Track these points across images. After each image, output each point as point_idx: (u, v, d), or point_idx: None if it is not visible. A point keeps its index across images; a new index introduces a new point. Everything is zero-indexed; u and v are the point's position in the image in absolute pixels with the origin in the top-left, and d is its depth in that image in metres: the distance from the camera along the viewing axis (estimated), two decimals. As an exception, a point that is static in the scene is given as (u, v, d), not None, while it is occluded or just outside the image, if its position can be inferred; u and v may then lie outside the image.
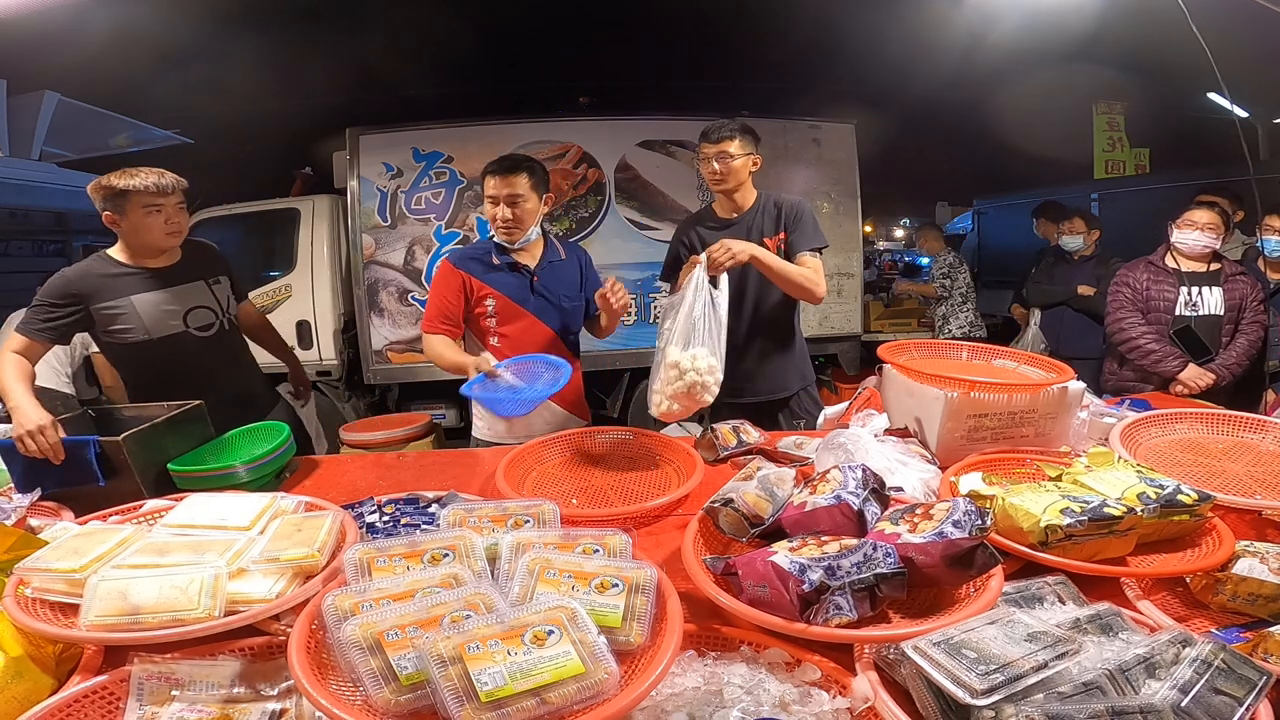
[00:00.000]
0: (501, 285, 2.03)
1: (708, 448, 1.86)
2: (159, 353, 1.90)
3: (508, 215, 1.96)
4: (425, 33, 4.58)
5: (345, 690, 0.82)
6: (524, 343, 2.05)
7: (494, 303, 2.03)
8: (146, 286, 1.90)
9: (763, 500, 1.21)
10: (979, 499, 1.23)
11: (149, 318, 1.88)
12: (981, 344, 1.99)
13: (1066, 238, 3.78)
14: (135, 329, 1.88)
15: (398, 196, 4.43)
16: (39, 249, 6.07)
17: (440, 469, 1.85)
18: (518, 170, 1.95)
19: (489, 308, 2.03)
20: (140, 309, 1.88)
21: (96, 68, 4.35)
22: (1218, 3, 2.16)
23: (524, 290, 2.05)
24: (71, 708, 0.87)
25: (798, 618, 0.91)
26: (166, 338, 1.90)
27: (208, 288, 2.02)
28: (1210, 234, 2.62)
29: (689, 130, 4.59)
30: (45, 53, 4.13)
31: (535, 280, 2.05)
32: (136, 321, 1.87)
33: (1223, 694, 0.75)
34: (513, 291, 2.04)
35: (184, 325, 1.94)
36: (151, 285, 1.90)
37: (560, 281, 2.10)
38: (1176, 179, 5.21)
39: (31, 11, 2.77)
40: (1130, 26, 3.97)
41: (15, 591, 1.01)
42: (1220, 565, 1.08)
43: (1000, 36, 4.22)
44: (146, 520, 1.29)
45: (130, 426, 1.56)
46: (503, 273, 2.04)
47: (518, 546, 1.02)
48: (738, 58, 5.64)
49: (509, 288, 2.04)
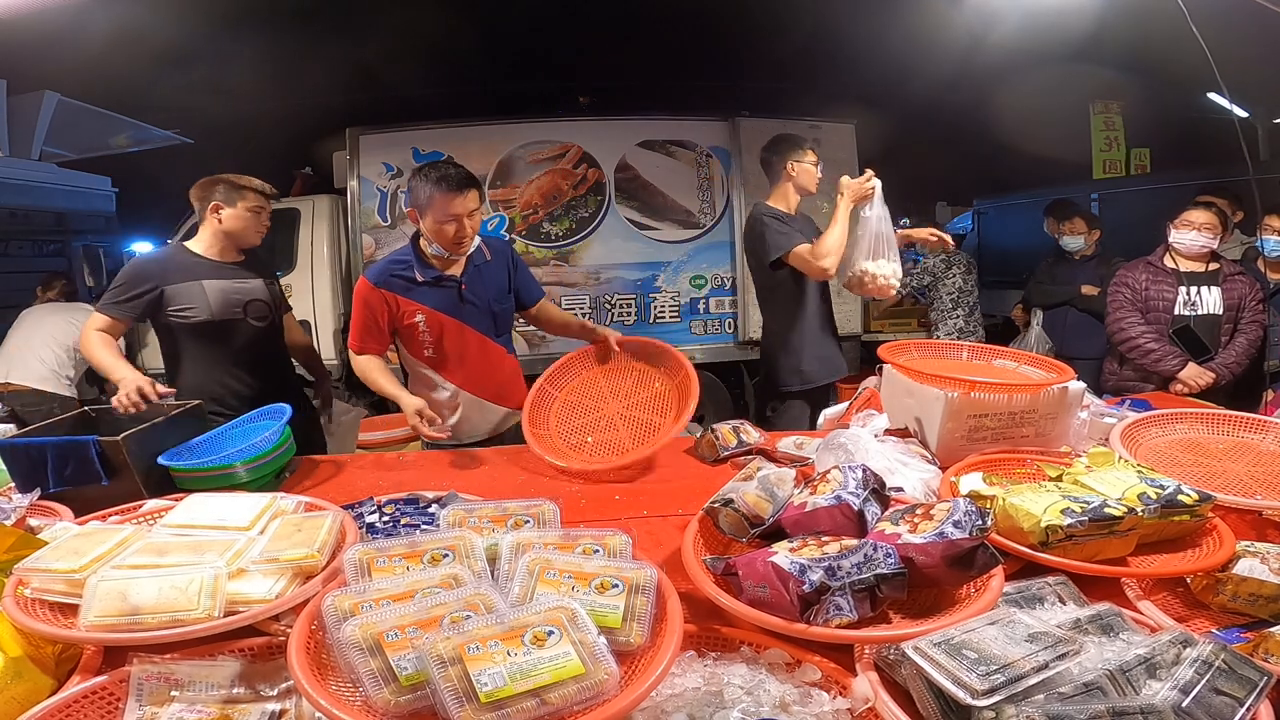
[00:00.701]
0: (429, 299, 1.97)
1: (708, 448, 1.85)
2: (217, 334, 2.11)
3: (466, 232, 1.90)
4: (425, 33, 4.58)
5: (345, 691, 0.82)
6: (459, 352, 2.03)
7: (423, 318, 1.97)
8: (218, 275, 2.13)
9: (763, 500, 1.21)
10: (979, 499, 1.23)
11: (215, 301, 2.09)
12: (981, 344, 1.99)
13: (1067, 238, 3.77)
14: (200, 309, 2.08)
15: (398, 196, 4.43)
16: (39, 249, 6.05)
17: (440, 469, 1.85)
18: (472, 185, 1.89)
19: (419, 323, 1.98)
20: (209, 292, 2.09)
21: (96, 68, 4.35)
22: (1218, 3, 2.16)
23: (453, 301, 1.99)
24: (71, 708, 0.87)
25: (798, 618, 0.91)
26: (226, 321, 2.12)
27: (266, 286, 2.25)
28: (1208, 234, 2.62)
29: (689, 130, 4.60)
30: (45, 53, 4.13)
31: (464, 289, 2.00)
32: (203, 303, 2.08)
33: (1223, 694, 0.75)
34: (441, 304, 1.98)
35: (244, 314, 2.16)
36: (223, 275, 2.14)
37: (488, 285, 2.05)
38: (1176, 179, 5.20)
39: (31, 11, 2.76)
40: (1130, 26, 3.97)
41: (15, 592, 1.01)
42: (1221, 565, 1.08)
43: (1000, 37, 4.22)
44: (146, 520, 1.29)
45: (130, 426, 1.56)
46: (429, 287, 1.97)
47: (518, 547, 1.02)
48: (738, 58, 5.64)
49: (437, 301, 1.98)
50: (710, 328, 4.73)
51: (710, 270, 4.67)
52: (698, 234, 4.63)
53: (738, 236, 4.61)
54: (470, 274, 2.02)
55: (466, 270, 2.01)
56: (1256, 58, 3.04)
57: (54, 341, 3.63)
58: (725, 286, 4.69)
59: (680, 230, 4.62)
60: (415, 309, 1.97)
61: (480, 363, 2.07)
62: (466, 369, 2.06)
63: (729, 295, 4.69)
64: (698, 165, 4.59)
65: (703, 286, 4.68)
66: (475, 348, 2.05)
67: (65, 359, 3.64)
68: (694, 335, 4.71)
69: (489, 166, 4.46)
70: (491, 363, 2.10)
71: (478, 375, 2.08)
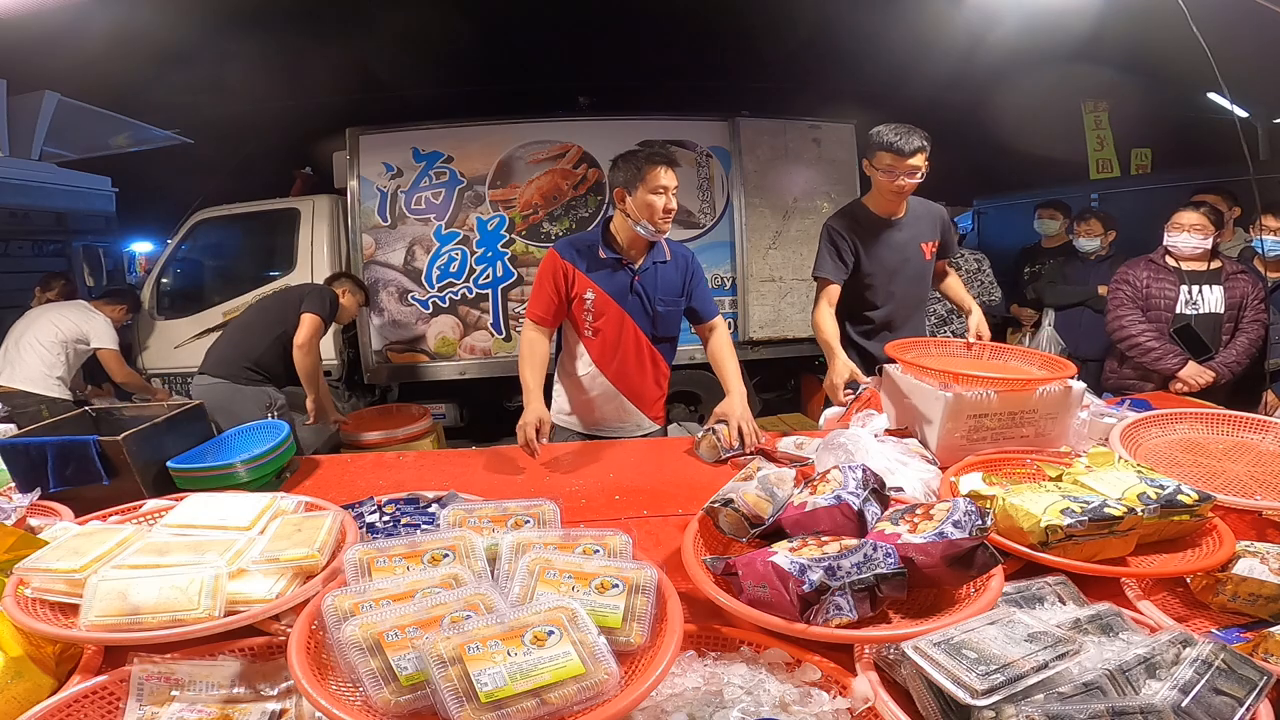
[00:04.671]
0: (602, 280, 2.04)
1: (709, 449, 1.85)
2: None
3: (673, 206, 1.96)
4: (425, 33, 4.58)
5: (345, 691, 0.82)
6: (616, 339, 2.07)
7: (593, 296, 2.04)
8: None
9: (763, 500, 1.21)
10: (979, 499, 1.23)
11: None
12: (983, 343, 1.99)
13: (1083, 239, 3.75)
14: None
15: (398, 196, 4.43)
16: (39, 249, 6.05)
17: (440, 469, 1.85)
18: (676, 164, 1.98)
19: (587, 301, 2.04)
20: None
21: (96, 68, 4.35)
22: (1218, 3, 2.16)
23: (623, 288, 2.05)
24: (71, 708, 0.87)
25: (798, 618, 0.91)
26: None
27: None
28: (1199, 234, 2.63)
29: (689, 130, 4.60)
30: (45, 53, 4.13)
31: (636, 280, 2.05)
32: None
33: (1223, 694, 0.75)
34: (612, 288, 2.04)
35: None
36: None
37: (661, 284, 2.09)
38: (1176, 179, 5.20)
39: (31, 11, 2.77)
40: (1130, 26, 3.96)
41: (15, 591, 1.01)
42: (1221, 565, 1.08)
43: (1000, 36, 4.22)
44: (146, 520, 1.29)
45: (130, 426, 1.56)
46: (607, 268, 2.04)
47: (518, 547, 1.02)
48: (738, 58, 5.64)
49: (609, 283, 2.04)
50: (710, 327, 4.72)
51: (710, 270, 4.67)
52: (698, 234, 4.63)
53: (738, 236, 4.62)
54: (647, 268, 2.07)
55: (645, 264, 2.06)
56: (1256, 58, 3.04)
57: (39, 343, 3.59)
58: (725, 286, 4.69)
59: (680, 230, 4.61)
60: (588, 285, 2.04)
61: (631, 357, 2.11)
62: (617, 359, 2.10)
63: (729, 295, 4.69)
64: (698, 165, 4.59)
65: (703, 286, 4.68)
66: (630, 340, 2.09)
67: (54, 359, 3.60)
68: (695, 335, 4.71)
69: (489, 166, 4.46)
70: (642, 361, 2.13)
71: (624, 368, 2.11)
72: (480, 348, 4.57)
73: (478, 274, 4.51)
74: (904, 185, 2.16)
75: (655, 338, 2.13)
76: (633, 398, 2.16)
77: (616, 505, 1.57)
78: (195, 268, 5.03)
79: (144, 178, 6.42)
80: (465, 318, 4.55)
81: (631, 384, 2.14)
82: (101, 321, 3.78)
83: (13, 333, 3.69)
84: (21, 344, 3.61)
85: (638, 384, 2.15)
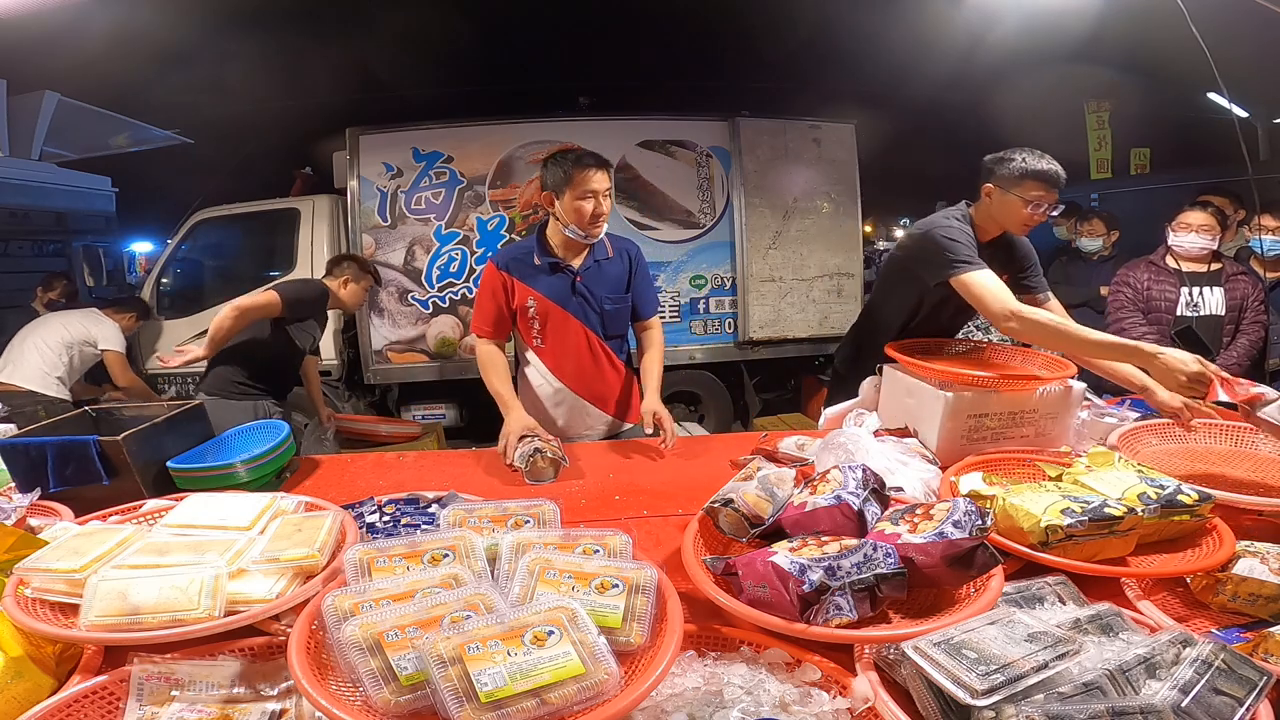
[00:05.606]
0: (543, 286, 2.00)
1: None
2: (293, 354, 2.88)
3: (604, 210, 1.92)
4: (425, 33, 4.59)
5: (345, 690, 0.82)
6: (564, 344, 2.04)
7: (535, 304, 2.00)
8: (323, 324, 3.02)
9: (763, 500, 1.21)
10: (979, 499, 1.23)
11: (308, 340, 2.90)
12: (984, 343, 1.98)
13: (1086, 239, 3.75)
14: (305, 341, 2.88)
15: (398, 196, 4.43)
16: (39, 249, 6.06)
17: (440, 469, 1.85)
18: (606, 166, 1.93)
19: (530, 310, 2.01)
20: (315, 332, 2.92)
21: (96, 68, 4.35)
22: (1218, 3, 2.16)
23: (565, 291, 2.01)
24: (71, 708, 0.87)
25: (798, 618, 0.91)
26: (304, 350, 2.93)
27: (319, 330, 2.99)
28: (1206, 235, 2.62)
29: (689, 130, 4.60)
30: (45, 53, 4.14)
31: (578, 280, 2.01)
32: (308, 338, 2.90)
33: (1223, 694, 0.75)
34: (554, 293, 2.00)
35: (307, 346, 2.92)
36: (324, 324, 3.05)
37: (604, 282, 2.05)
38: (1176, 179, 5.21)
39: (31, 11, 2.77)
40: (1130, 26, 3.97)
41: (15, 591, 1.00)
42: (1221, 565, 1.08)
43: (1000, 37, 4.23)
44: (146, 520, 1.28)
45: (130, 426, 1.56)
46: (545, 273, 2.00)
47: (518, 547, 1.02)
48: (738, 58, 5.65)
49: (550, 289, 2.00)
50: (710, 328, 4.73)
51: (710, 270, 4.67)
52: (698, 234, 4.63)
53: (738, 236, 4.62)
54: (588, 268, 2.03)
55: (585, 264, 2.02)
56: (1256, 58, 3.04)
57: (44, 343, 3.64)
58: (725, 286, 4.69)
59: (680, 230, 4.62)
60: (529, 293, 2.00)
61: (586, 360, 2.07)
62: (571, 365, 2.06)
63: (729, 295, 4.70)
64: (698, 165, 4.59)
65: (703, 286, 4.68)
66: (580, 343, 2.05)
67: (56, 359, 3.64)
68: (694, 335, 4.72)
69: (489, 166, 4.46)
70: (598, 362, 2.08)
71: (580, 373, 2.07)
72: (480, 348, 4.57)
73: (478, 274, 4.51)
74: (1039, 220, 1.89)
75: (607, 336, 2.09)
76: (594, 400, 2.11)
77: (616, 505, 1.57)
78: (195, 268, 5.03)
79: (144, 178, 6.43)
80: (465, 318, 4.55)
81: (590, 387, 2.09)
82: (111, 326, 3.87)
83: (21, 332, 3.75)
84: (27, 343, 3.66)
85: (596, 386, 2.10)
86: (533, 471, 1.69)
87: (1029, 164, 1.85)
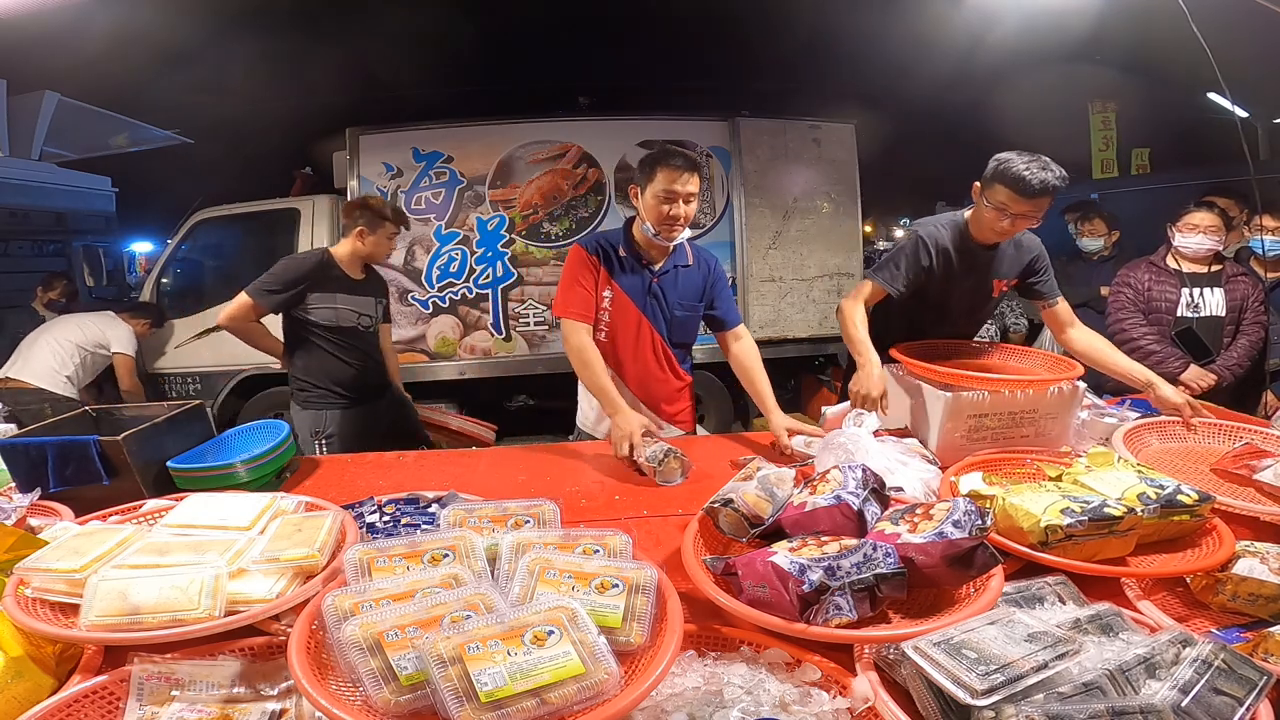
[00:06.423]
0: (621, 280, 1.99)
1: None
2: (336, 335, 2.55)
3: (683, 213, 1.89)
4: (425, 33, 4.59)
5: (345, 690, 0.82)
6: (628, 341, 2.02)
7: (610, 295, 1.99)
8: (349, 290, 2.56)
9: (763, 500, 1.21)
10: (979, 499, 1.23)
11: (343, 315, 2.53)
12: (984, 343, 1.98)
13: (1086, 239, 3.75)
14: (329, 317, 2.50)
15: (398, 196, 4.43)
16: (39, 249, 6.06)
17: (440, 469, 1.85)
18: (696, 170, 1.89)
19: (605, 300, 1.99)
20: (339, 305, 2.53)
21: (96, 68, 4.36)
22: (1218, 3, 2.16)
23: (640, 290, 2.00)
24: (71, 708, 0.87)
25: (798, 618, 0.91)
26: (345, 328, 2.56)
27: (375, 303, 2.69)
28: (1213, 236, 2.60)
29: (689, 130, 4.60)
30: (45, 53, 4.14)
31: (655, 281, 2.00)
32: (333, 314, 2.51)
33: (1223, 694, 0.75)
34: (630, 289, 1.99)
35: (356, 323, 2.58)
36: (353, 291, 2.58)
37: (679, 289, 2.03)
38: (1177, 179, 5.20)
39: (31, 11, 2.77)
40: (1130, 26, 3.97)
41: (15, 591, 1.01)
42: (1220, 565, 1.08)
43: (1000, 36, 4.23)
44: (146, 520, 1.28)
45: (130, 426, 1.56)
46: (625, 268, 1.99)
47: (518, 547, 1.02)
48: (738, 58, 5.65)
49: (628, 285, 1.99)
50: (711, 328, 4.73)
51: (710, 270, 4.66)
52: (698, 234, 4.63)
53: (738, 236, 4.62)
54: (667, 271, 2.02)
55: (665, 267, 2.01)
56: (1256, 58, 3.04)
57: (56, 341, 3.69)
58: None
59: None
60: (607, 284, 1.99)
61: (649, 364, 2.05)
62: (631, 362, 2.04)
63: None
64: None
65: (703, 286, 4.68)
66: (646, 345, 2.04)
67: (66, 358, 3.67)
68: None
69: (489, 166, 4.46)
70: (661, 368, 2.07)
71: (642, 376, 2.06)
72: (480, 348, 4.57)
73: (478, 274, 4.51)
74: (1010, 230, 1.85)
75: (672, 342, 2.08)
76: (647, 400, 2.09)
77: (616, 505, 1.57)
78: (195, 268, 5.02)
79: (144, 178, 6.43)
80: (465, 318, 4.55)
81: (646, 387, 2.08)
82: (125, 330, 3.91)
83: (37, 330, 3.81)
84: (39, 341, 3.71)
85: (653, 388, 2.09)
86: (664, 472, 1.66)
87: (1003, 166, 1.79)
